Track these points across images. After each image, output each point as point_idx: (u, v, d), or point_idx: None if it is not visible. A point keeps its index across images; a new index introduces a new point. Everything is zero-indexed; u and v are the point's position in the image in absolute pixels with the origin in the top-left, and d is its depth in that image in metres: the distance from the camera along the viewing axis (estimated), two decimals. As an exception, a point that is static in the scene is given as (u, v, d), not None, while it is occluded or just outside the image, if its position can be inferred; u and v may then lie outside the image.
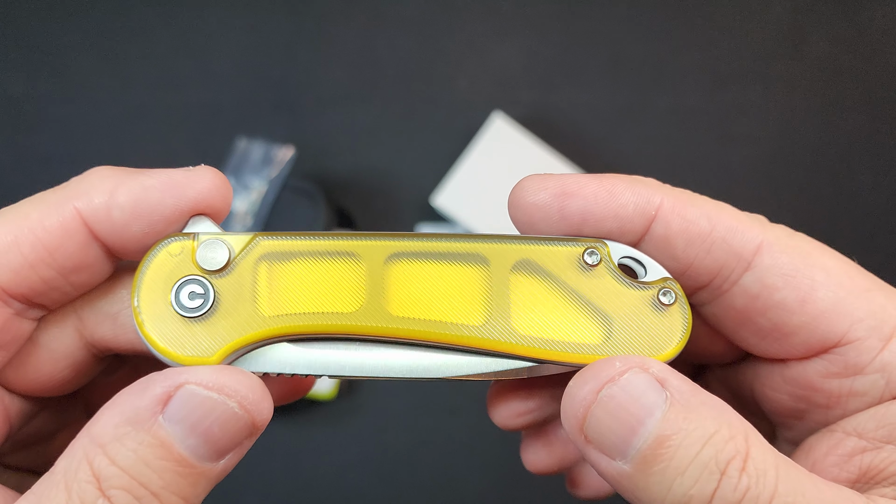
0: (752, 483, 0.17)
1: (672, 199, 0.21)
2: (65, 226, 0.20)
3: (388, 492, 0.62)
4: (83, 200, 0.20)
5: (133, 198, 0.20)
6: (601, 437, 0.19)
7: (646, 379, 0.18)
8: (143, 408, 0.18)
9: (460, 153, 0.65)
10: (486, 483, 0.62)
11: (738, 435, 0.18)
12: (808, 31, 0.69)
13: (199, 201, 0.20)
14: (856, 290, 0.20)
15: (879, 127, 0.68)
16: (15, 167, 0.67)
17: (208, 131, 0.67)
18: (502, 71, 0.69)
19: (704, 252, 0.21)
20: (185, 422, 0.18)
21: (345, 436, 0.63)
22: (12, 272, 0.20)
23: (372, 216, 0.66)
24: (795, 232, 0.22)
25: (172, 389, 0.18)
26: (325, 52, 0.69)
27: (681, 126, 0.68)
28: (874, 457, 0.20)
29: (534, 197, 0.21)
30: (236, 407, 0.19)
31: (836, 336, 0.20)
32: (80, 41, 0.69)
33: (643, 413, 0.18)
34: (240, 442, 0.19)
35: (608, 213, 0.21)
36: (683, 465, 0.17)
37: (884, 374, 0.20)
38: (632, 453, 0.18)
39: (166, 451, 0.18)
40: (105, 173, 0.21)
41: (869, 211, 0.67)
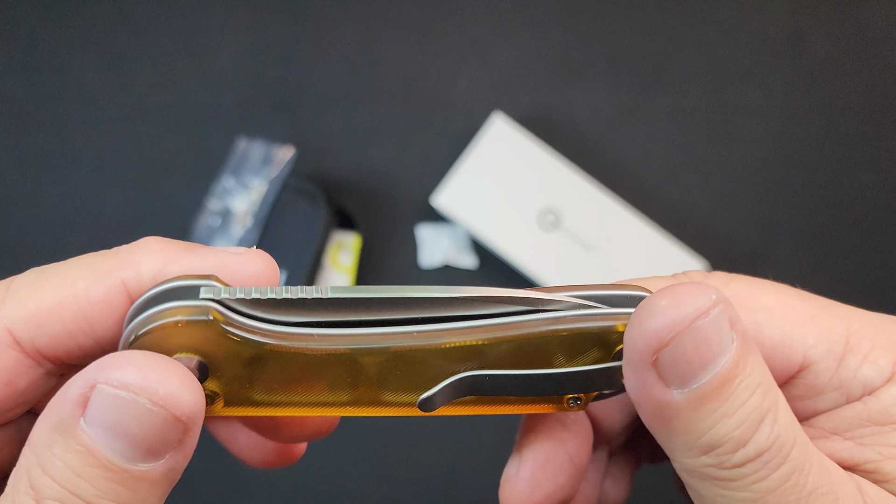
0: (781, 433, 0.18)
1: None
2: (109, 299, 0.20)
3: (387, 491, 0.63)
4: (131, 273, 0.20)
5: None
6: (674, 365, 0.18)
7: (726, 317, 0.18)
8: (65, 413, 0.17)
9: (460, 153, 0.65)
10: (486, 483, 0.62)
11: (774, 388, 0.19)
12: (808, 31, 0.69)
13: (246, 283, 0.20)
14: (800, 320, 0.21)
15: (879, 127, 0.68)
16: (15, 167, 0.67)
17: (208, 131, 0.67)
18: (502, 71, 0.69)
19: None
20: (103, 424, 0.17)
21: (345, 434, 0.63)
22: (51, 338, 0.20)
23: (372, 216, 0.66)
24: (733, 276, 0.22)
25: (87, 390, 0.17)
26: (325, 53, 0.69)
27: (681, 126, 0.68)
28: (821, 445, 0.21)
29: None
30: (147, 403, 0.17)
31: (793, 367, 0.21)
32: (80, 41, 0.69)
33: (718, 351, 0.18)
34: (171, 440, 0.18)
35: None
36: (734, 409, 0.18)
37: (842, 391, 0.21)
38: (693, 385, 0.18)
39: (93, 458, 0.17)
40: (156, 246, 0.20)
41: (869, 210, 0.67)
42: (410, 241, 0.66)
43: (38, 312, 0.19)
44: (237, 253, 0.20)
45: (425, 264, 0.65)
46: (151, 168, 0.67)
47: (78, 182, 0.67)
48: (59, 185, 0.67)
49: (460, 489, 0.62)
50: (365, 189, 0.67)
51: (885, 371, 0.21)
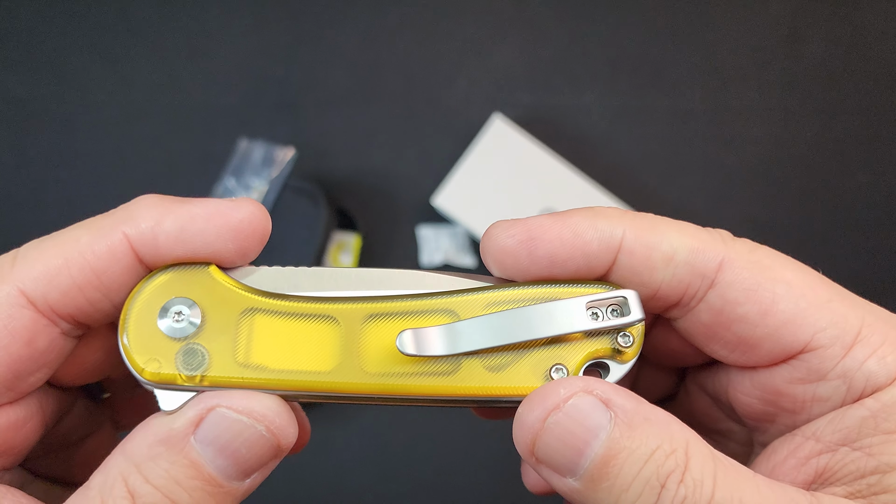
0: (688, 493, 0.18)
1: (634, 229, 0.22)
2: (113, 250, 0.21)
3: (387, 490, 0.63)
4: (131, 226, 0.21)
5: (179, 225, 0.21)
6: (551, 459, 0.20)
7: (590, 402, 0.19)
8: (175, 429, 0.19)
9: (460, 154, 0.65)
10: (485, 482, 0.63)
11: (678, 448, 0.19)
12: (806, 32, 0.69)
13: (240, 230, 0.21)
14: (817, 301, 0.21)
15: (876, 127, 0.68)
16: (16, 167, 0.67)
17: (209, 132, 0.67)
18: (502, 72, 0.69)
19: (669, 275, 0.22)
20: (215, 443, 0.19)
21: (344, 434, 0.63)
22: (61, 293, 0.21)
23: (372, 216, 0.66)
24: (758, 246, 0.23)
25: (205, 412, 0.19)
26: (325, 54, 0.69)
27: (679, 127, 0.68)
28: (829, 459, 0.21)
29: (503, 242, 0.22)
30: (264, 430, 0.20)
31: (799, 345, 0.21)
32: (82, 42, 0.69)
33: (588, 435, 0.19)
34: (265, 463, 0.20)
35: (575, 253, 0.22)
36: (628, 482, 0.19)
37: (845, 381, 0.21)
38: (580, 472, 0.19)
39: (197, 472, 0.19)
40: (152, 201, 0.22)
41: (866, 210, 0.67)
42: (410, 241, 0.66)
43: (46, 271, 0.20)
44: (230, 200, 0.22)
45: (425, 264, 0.65)
46: (152, 168, 0.67)
47: (78, 182, 0.67)
48: (60, 185, 0.67)
49: (460, 489, 0.63)
50: (365, 189, 0.67)
51: (891, 369, 0.20)
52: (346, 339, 0.21)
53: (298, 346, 0.21)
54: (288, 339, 0.21)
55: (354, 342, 0.21)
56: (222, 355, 0.21)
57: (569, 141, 0.67)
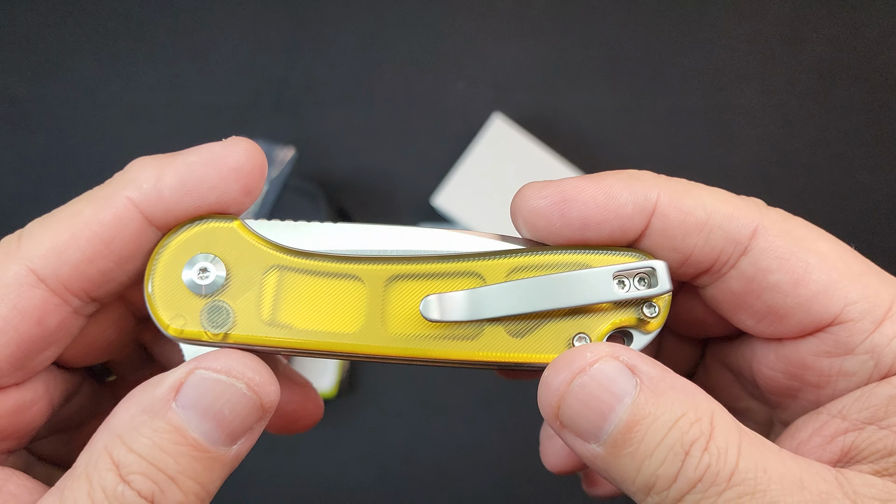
0: (713, 461, 0.18)
1: (668, 193, 0.22)
2: (118, 216, 0.21)
3: (387, 489, 0.63)
4: (132, 189, 0.21)
5: (180, 176, 0.21)
6: (575, 423, 0.20)
7: (616, 366, 0.19)
8: (157, 396, 0.19)
9: (460, 154, 0.65)
10: (485, 481, 0.63)
11: (703, 417, 0.19)
12: (806, 32, 0.69)
13: (239, 168, 0.21)
14: (850, 274, 0.21)
15: (877, 127, 0.68)
16: (17, 167, 0.67)
17: (209, 132, 0.67)
18: (501, 72, 0.69)
19: (703, 240, 0.21)
20: (197, 406, 0.19)
21: (345, 433, 0.63)
22: (71, 267, 0.21)
23: (372, 216, 0.66)
24: (792, 216, 0.23)
25: (184, 376, 0.19)
26: (325, 53, 0.69)
27: (679, 127, 0.68)
28: (856, 437, 0.20)
29: (535, 203, 0.22)
30: (244, 388, 0.19)
31: (829, 317, 0.21)
32: (82, 42, 0.69)
33: (613, 400, 0.19)
34: (250, 425, 0.20)
35: (608, 216, 0.21)
36: (651, 448, 0.18)
37: (873, 356, 0.20)
38: (604, 437, 0.19)
39: (181, 437, 0.19)
40: (146, 161, 0.22)
41: (867, 210, 0.67)
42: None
43: (54, 246, 0.20)
44: (222, 143, 0.22)
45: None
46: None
47: (79, 182, 0.66)
48: (60, 185, 0.67)
49: (460, 490, 0.63)
50: (365, 189, 0.67)
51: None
52: (370, 300, 0.21)
53: (323, 306, 0.21)
54: (312, 298, 0.21)
55: (378, 303, 0.21)
56: (247, 313, 0.21)
57: (569, 141, 0.67)
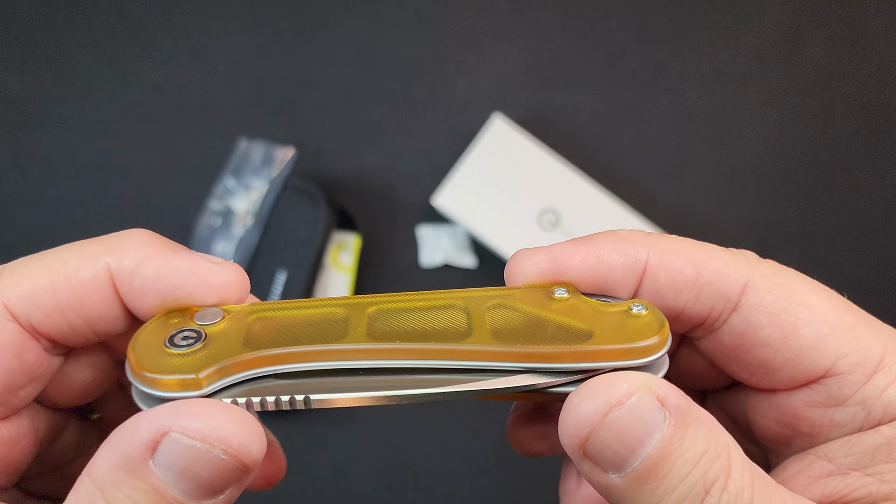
0: (731, 500, 0.18)
1: (657, 252, 0.22)
2: (95, 279, 0.21)
3: (387, 490, 0.63)
4: (115, 259, 0.21)
5: (157, 274, 0.21)
6: (601, 454, 0.19)
7: (651, 400, 0.19)
8: (133, 455, 0.18)
9: (460, 154, 0.65)
10: (485, 483, 0.63)
11: (723, 454, 0.19)
12: (805, 32, 0.69)
13: (216, 295, 0.21)
14: (840, 327, 0.21)
15: (877, 127, 0.68)
16: (15, 167, 0.67)
17: (209, 132, 0.67)
18: (502, 72, 0.69)
19: (693, 298, 0.22)
20: (173, 469, 0.18)
21: (345, 434, 0.63)
22: (44, 314, 0.21)
23: (372, 216, 0.66)
24: (784, 268, 0.22)
25: (158, 436, 0.18)
26: (325, 53, 0.69)
27: (679, 127, 0.68)
28: (839, 482, 0.21)
29: (526, 271, 0.22)
30: (221, 454, 0.19)
31: (820, 371, 0.21)
32: (81, 41, 0.69)
33: (645, 434, 0.19)
34: (232, 482, 0.19)
35: (599, 279, 0.22)
36: (674, 485, 0.18)
37: (864, 408, 0.21)
38: (627, 470, 0.19)
39: (160, 496, 0.18)
40: (142, 239, 0.22)
41: (867, 211, 0.67)
42: (410, 241, 0.66)
43: (32, 290, 0.21)
44: (214, 262, 0.22)
45: (425, 264, 0.65)
46: (152, 168, 0.67)
47: (78, 182, 0.67)
48: (60, 185, 0.67)
49: (460, 491, 0.63)
50: (365, 189, 0.67)
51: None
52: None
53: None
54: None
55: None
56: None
57: (569, 141, 0.67)
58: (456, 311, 0.22)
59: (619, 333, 0.21)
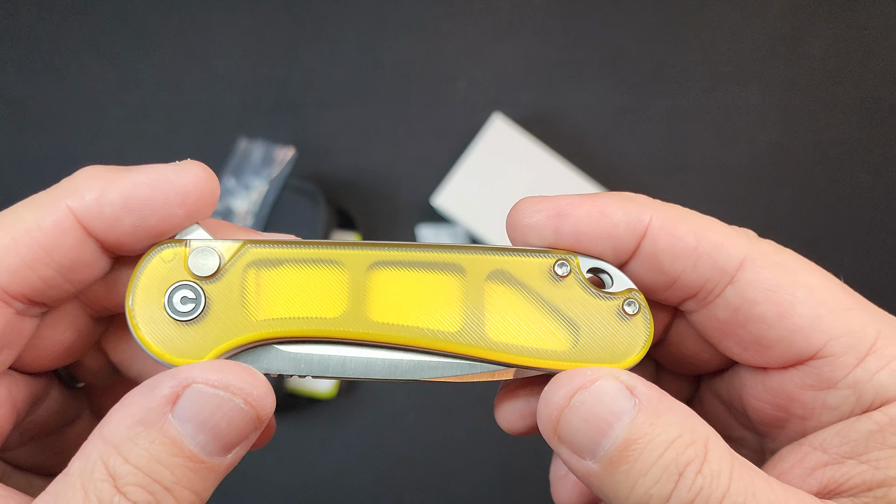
0: (705, 484, 0.19)
1: (661, 217, 0.22)
2: (59, 225, 0.20)
3: (387, 490, 0.63)
4: (75, 199, 0.21)
5: (123, 194, 0.21)
6: (573, 438, 0.20)
7: (616, 386, 0.20)
8: (153, 408, 0.19)
9: (460, 154, 0.65)
10: (485, 482, 0.63)
11: (698, 440, 0.19)
12: (806, 32, 0.69)
13: (186, 194, 0.21)
14: (836, 309, 0.21)
15: (876, 127, 0.68)
16: (15, 167, 0.67)
17: (209, 132, 0.67)
18: (502, 72, 0.69)
19: (690, 267, 0.22)
20: (193, 420, 0.19)
21: (344, 434, 0.63)
22: (11, 273, 0.20)
23: (372, 216, 0.66)
24: (783, 248, 0.22)
25: (180, 389, 0.19)
26: (325, 54, 0.69)
27: (679, 126, 0.68)
28: (835, 471, 0.21)
29: (530, 218, 0.22)
30: (242, 403, 0.19)
31: (812, 350, 0.21)
32: (81, 41, 0.69)
33: (612, 418, 0.19)
34: (246, 436, 0.20)
35: (601, 233, 0.22)
36: (646, 467, 0.19)
37: (855, 391, 0.21)
38: (600, 454, 0.19)
39: (177, 449, 0.19)
40: (94, 172, 0.21)
41: (867, 210, 0.67)
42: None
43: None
44: (174, 165, 0.21)
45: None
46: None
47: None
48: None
49: (460, 491, 0.63)
50: (365, 189, 0.67)
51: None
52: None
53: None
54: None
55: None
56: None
57: (569, 141, 0.67)
58: (454, 279, 0.22)
59: (604, 341, 0.22)
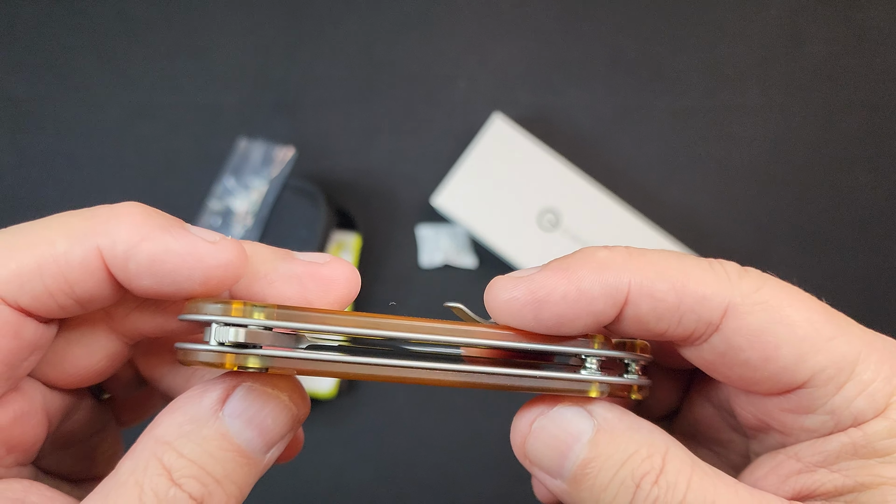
0: (661, 493, 0.20)
1: (639, 279, 0.22)
2: (86, 263, 0.20)
3: (387, 490, 0.63)
4: (107, 241, 0.20)
5: (152, 258, 0.20)
6: (540, 461, 0.22)
7: (574, 410, 0.22)
8: (205, 407, 0.20)
9: (460, 153, 0.65)
10: (485, 483, 0.63)
11: (655, 453, 0.21)
12: (806, 32, 0.69)
13: (210, 277, 0.21)
14: (820, 342, 0.21)
15: (878, 127, 0.68)
16: (15, 167, 0.67)
17: (209, 131, 0.67)
18: (502, 71, 0.69)
19: (675, 324, 0.22)
20: (243, 416, 0.21)
21: (345, 434, 0.63)
22: (33, 298, 0.20)
23: (372, 216, 0.66)
24: (765, 281, 0.22)
25: (231, 389, 0.21)
26: (325, 53, 0.69)
27: (680, 127, 0.68)
28: (807, 478, 0.22)
29: (506, 306, 0.22)
30: (287, 399, 0.22)
31: (796, 385, 0.22)
32: (81, 41, 0.69)
33: (571, 440, 0.21)
34: (285, 434, 0.22)
35: (580, 313, 0.22)
36: (605, 482, 0.21)
37: (833, 416, 0.21)
38: (565, 474, 0.21)
39: (228, 443, 0.20)
40: (135, 218, 0.21)
41: (868, 211, 0.67)
42: (410, 241, 0.66)
43: (19, 272, 0.20)
44: (211, 241, 0.21)
45: (425, 264, 0.65)
46: (152, 168, 0.67)
47: (78, 182, 0.67)
48: (60, 185, 0.67)
49: (460, 491, 0.63)
50: (365, 189, 0.67)
51: (878, 404, 0.21)
52: None
53: None
54: None
55: None
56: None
57: (569, 141, 0.67)
58: None
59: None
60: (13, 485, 0.21)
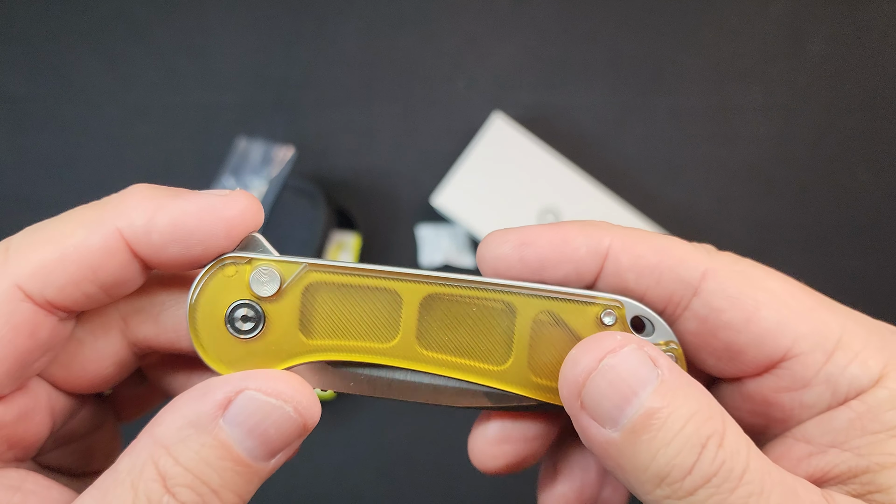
0: (727, 458, 0.19)
1: (621, 238, 0.23)
2: (107, 246, 0.21)
3: (387, 490, 0.63)
4: (124, 220, 0.21)
5: (171, 222, 0.21)
6: (597, 403, 0.20)
7: (642, 355, 0.20)
8: (204, 412, 0.20)
9: (460, 153, 0.65)
10: (485, 482, 0.63)
11: (716, 416, 0.20)
12: (807, 31, 0.69)
13: (232, 226, 0.21)
14: (799, 309, 0.22)
15: (878, 127, 0.68)
16: (15, 167, 0.67)
17: (208, 131, 0.67)
18: (502, 71, 0.69)
19: (655, 282, 0.22)
20: (244, 425, 0.20)
21: (344, 434, 0.63)
22: (58, 289, 0.21)
23: (372, 216, 0.66)
24: (741, 258, 0.23)
25: (233, 394, 0.20)
26: (325, 52, 0.69)
27: (680, 126, 0.68)
28: (820, 460, 0.21)
29: (497, 250, 0.23)
30: (292, 411, 0.20)
31: (781, 351, 0.22)
32: (81, 41, 0.69)
33: (638, 385, 0.20)
34: (291, 442, 0.21)
35: (562, 258, 0.23)
36: (669, 437, 0.19)
37: (829, 386, 0.21)
38: (623, 422, 0.20)
39: (226, 452, 0.20)
40: (145, 193, 0.22)
41: (868, 210, 0.67)
42: (410, 241, 0.66)
43: (42, 266, 0.20)
44: (222, 195, 0.22)
45: (425, 264, 0.65)
46: (152, 168, 0.67)
47: (78, 182, 0.67)
48: (59, 185, 0.67)
49: (460, 489, 0.63)
50: (365, 189, 0.67)
51: (873, 372, 0.21)
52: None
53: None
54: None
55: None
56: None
57: (569, 140, 0.67)
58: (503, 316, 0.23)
59: None
60: (10, 472, 0.21)
